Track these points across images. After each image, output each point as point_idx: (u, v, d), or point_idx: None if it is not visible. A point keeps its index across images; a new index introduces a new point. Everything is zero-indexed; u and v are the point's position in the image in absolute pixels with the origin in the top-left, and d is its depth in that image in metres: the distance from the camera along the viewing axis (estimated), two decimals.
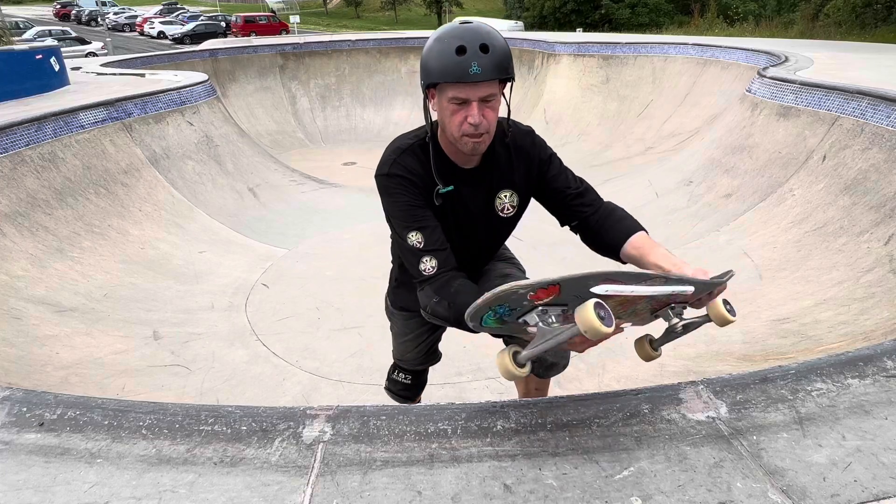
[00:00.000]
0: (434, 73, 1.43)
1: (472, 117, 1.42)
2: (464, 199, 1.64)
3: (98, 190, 5.11)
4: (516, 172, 1.64)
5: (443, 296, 1.46)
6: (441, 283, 1.48)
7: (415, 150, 1.59)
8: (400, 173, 1.54)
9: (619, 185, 7.29)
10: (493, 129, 1.49)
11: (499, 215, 1.70)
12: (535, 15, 32.95)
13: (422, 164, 1.57)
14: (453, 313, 1.43)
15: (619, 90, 10.74)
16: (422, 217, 1.53)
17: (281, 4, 52.95)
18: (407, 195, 1.54)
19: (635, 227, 1.58)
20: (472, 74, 1.37)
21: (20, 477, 1.16)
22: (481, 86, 1.40)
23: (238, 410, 1.34)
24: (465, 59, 1.37)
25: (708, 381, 1.39)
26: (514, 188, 1.66)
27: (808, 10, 19.90)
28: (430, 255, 1.49)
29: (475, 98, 1.42)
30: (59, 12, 46.30)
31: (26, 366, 3.12)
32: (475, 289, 1.45)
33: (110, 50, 22.58)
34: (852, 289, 3.48)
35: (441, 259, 1.49)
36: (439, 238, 1.52)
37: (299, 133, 12.54)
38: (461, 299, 1.39)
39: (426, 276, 1.49)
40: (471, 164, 1.61)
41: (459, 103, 1.43)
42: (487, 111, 1.45)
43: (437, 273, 1.48)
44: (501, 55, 1.41)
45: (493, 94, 1.43)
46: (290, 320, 4.25)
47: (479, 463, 1.17)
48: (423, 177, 1.57)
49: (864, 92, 4.62)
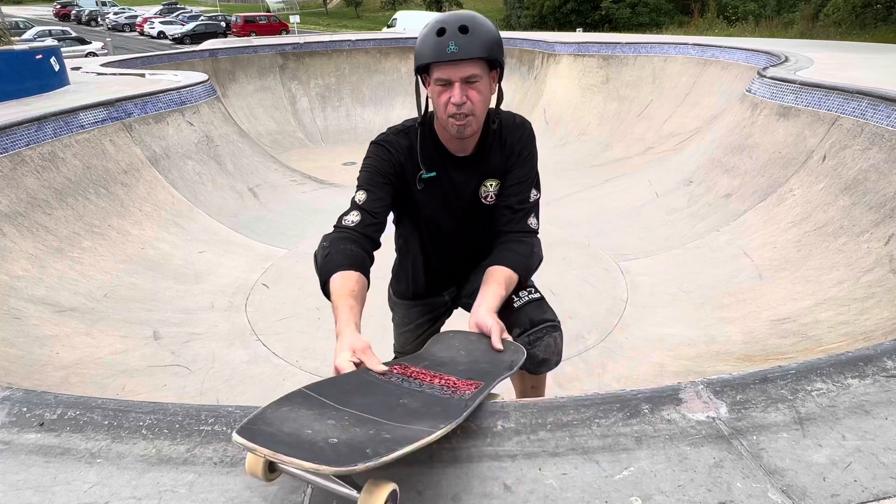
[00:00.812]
0: (419, 56, 1.50)
1: (454, 97, 1.47)
2: (454, 185, 1.69)
3: (98, 190, 5.11)
4: (504, 161, 1.69)
5: (331, 245, 1.51)
6: (342, 236, 1.53)
7: (409, 132, 1.65)
8: (384, 145, 1.63)
9: (619, 185, 7.29)
10: (478, 111, 1.52)
11: (482, 203, 1.74)
12: (535, 14, 32.91)
13: (415, 147, 1.63)
14: (321, 265, 1.49)
15: (619, 90, 10.74)
16: (377, 184, 1.60)
17: (281, 4, 52.94)
18: (378, 163, 1.62)
19: (500, 260, 1.63)
20: (450, 53, 1.43)
21: (20, 477, 1.16)
22: (461, 65, 1.45)
23: (238, 410, 1.34)
24: (443, 38, 1.43)
25: (708, 381, 1.39)
26: (498, 177, 1.71)
27: (808, 10, 19.90)
28: (359, 212, 1.56)
29: (456, 78, 1.46)
30: (59, 12, 46.29)
31: (26, 366, 3.12)
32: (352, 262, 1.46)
33: (110, 50, 22.58)
34: (852, 289, 3.48)
35: (364, 221, 1.55)
36: (378, 208, 1.58)
37: (299, 133, 12.54)
38: (335, 258, 1.46)
39: (342, 224, 1.56)
40: (464, 152, 1.65)
41: (443, 84, 1.48)
42: (471, 92, 1.49)
43: (351, 227, 1.54)
44: (483, 37, 1.46)
45: (475, 74, 1.47)
46: (290, 320, 4.25)
47: (479, 463, 1.17)
48: (409, 157, 1.63)
49: (864, 92, 4.62)
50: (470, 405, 1.16)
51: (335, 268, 1.44)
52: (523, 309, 1.64)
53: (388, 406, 1.11)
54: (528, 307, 1.65)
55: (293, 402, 1.06)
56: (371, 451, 0.90)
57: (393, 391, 1.18)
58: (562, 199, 6.81)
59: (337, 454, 0.89)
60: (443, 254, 1.89)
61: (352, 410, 1.06)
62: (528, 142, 1.70)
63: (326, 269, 1.46)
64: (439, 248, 1.87)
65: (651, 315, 4.09)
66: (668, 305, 4.18)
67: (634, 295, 4.42)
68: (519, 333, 1.59)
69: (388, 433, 0.98)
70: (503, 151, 1.67)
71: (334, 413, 1.03)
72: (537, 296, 1.69)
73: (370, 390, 1.16)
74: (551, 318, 1.64)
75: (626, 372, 3.42)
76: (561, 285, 4.45)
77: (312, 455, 0.87)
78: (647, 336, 3.84)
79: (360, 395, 1.12)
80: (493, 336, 1.42)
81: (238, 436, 0.91)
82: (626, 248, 5.17)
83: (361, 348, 1.25)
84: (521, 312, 1.63)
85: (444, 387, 1.25)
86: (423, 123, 1.64)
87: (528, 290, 1.69)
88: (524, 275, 1.65)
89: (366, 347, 1.26)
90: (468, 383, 1.27)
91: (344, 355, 1.23)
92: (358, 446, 0.92)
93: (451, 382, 1.27)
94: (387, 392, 1.17)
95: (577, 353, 3.63)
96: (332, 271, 1.44)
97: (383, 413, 1.06)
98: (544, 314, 1.64)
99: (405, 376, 1.27)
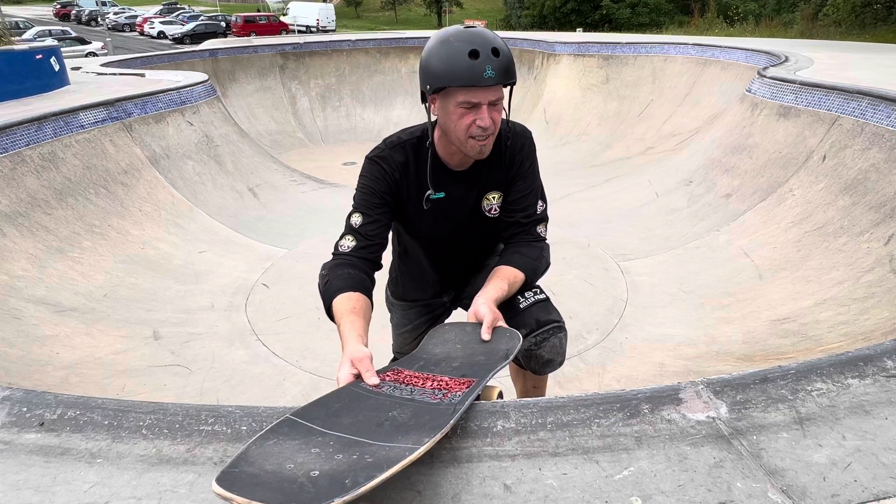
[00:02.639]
0: (444, 77, 1.42)
1: (483, 120, 1.44)
2: (453, 199, 1.67)
3: (98, 190, 5.11)
4: (504, 173, 1.67)
5: (329, 273, 1.53)
6: (340, 262, 1.54)
7: (407, 147, 1.62)
8: (381, 163, 1.60)
9: (619, 185, 7.29)
10: (497, 130, 1.52)
11: (485, 215, 1.73)
12: (535, 14, 32.93)
13: (411, 163, 1.61)
14: (323, 291, 1.51)
15: (619, 90, 10.74)
16: (372, 206, 1.59)
17: (281, 4, 52.94)
18: (373, 183, 1.60)
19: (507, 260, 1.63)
20: (487, 78, 1.38)
21: (20, 477, 1.16)
22: (492, 89, 1.42)
23: (238, 410, 1.34)
24: (478, 62, 1.38)
25: (708, 381, 1.39)
26: (501, 189, 1.69)
27: (808, 10, 19.91)
28: (353, 237, 1.56)
29: (485, 101, 1.43)
30: (59, 12, 46.27)
31: (26, 366, 3.12)
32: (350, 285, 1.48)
33: (110, 50, 22.59)
34: (852, 289, 3.48)
35: (359, 245, 1.56)
36: (373, 231, 1.58)
37: (299, 133, 12.54)
38: (335, 283, 1.47)
39: (339, 250, 1.57)
40: (462, 167, 1.63)
41: (469, 107, 1.44)
42: (495, 114, 1.47)
43: (346, 253, 1.55)
44: (509, 59, 1.44)
45: (501, 97, 1.46)
46: (290, 320, 4.25)
47: (479, 463, 1.17)
48: (404, 174, 1.61)
49: (864, 92, 4.62)
50: (459, 409, 1.18)
51: (335, 292, 1.46)
52: (529, 310, 1.64)
53: (375, 422, 1.13)
54: (533, 308, 1.65)
55: (279, 433, 1.09)
56: (350, 481, 0.93)
57: (383, 404, 1.20)
58: (562, 199, 6.81)
59: (317, 490, 0.92)
60: (442, 262, 1.89)
61: (337, 433, 1.09)
62: (529, 152, 1.68)
63: (327, 295, 1.48)
64: (438, 257, 1.87)
65: (651, 315, 4.10)
66: (669, 305, 4.18)
67: (634, 295, 4.42)
68: (525, 334, 1.59)
69: (371, 456, 1.01)
70: (504, 162, 1.65)
71: (319, 440, 1.07)
72: (543, 297, 1.69)
73: (359, 406, 1.19)
74: (557, 318, 1.64)
75: (626, 372, 3.42)
76: (561, 285, 4.45)
77: (290, 496, 0.91)
78: (647, 336, 3.84)
79: (347, 415, 1.15)
80: (484, 325, 1.42)
81: (217, 485, 0.94)
82: (626, 248, 5.18)
83: (359, 359, 1.27)
84: (527, 313, 1.63)
85: (436, 390, 1.27)
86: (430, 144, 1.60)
87: (533, 291, 1.69)
88: (530, 276, 1.65)
89: (363, 358, 1.27)
90: (461, 382, 1.29)
91: (345, 368, 1.27)
92: (338, 477, 0.95)
93: (443, 384, 1.29)
94: (376, 406, 1.19)
95: (577, 353, 3.63)
96: (332, 297, 1.46)
97: (369, 432, 1.10)
98: (550, 315, 1.64)
99: (398, 383, 1.29)
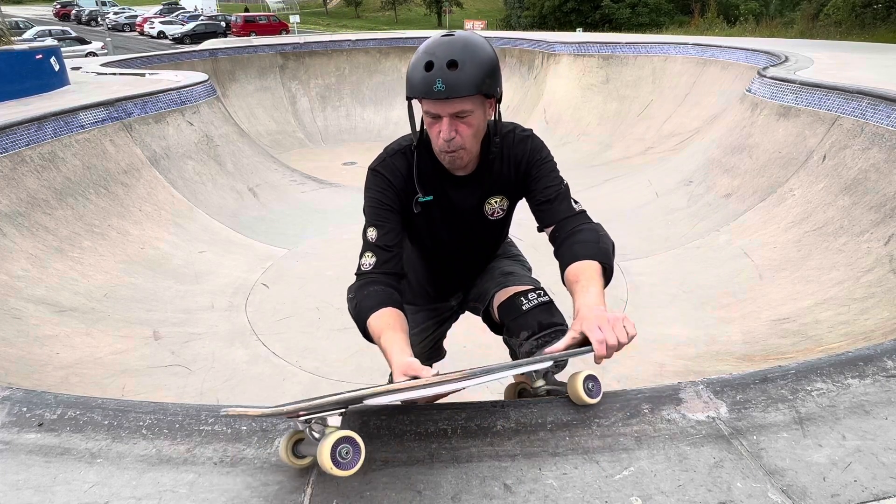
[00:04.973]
0: (408, 86, 1.42)
1: (443, 132, 1.42)
2: (453, 203, 1.65)
3: (98, 190, 5.11)
4: (508, 177, 1.64)
5: (356, 294, 1.51)
6: (364, 282, 1.53)
7: (406, 153, 1.60)
8: (383, 173, 1.58)
9: (619, 185, 7.29)
10: (469, 144, 1.47)
11: (488, 219, 1.71)
12: (535, 14, 32.92)
13: (409, 167, 1.59)
14: (355, 314, 1.50)
15: (619, 90, 10.74)
16: (384, 217, 1.58)
17: (281, 4, 52.95)
18: (380, 194, 1.58)
19: (582, 255, 1.49)
20: (436, 92, 1.34)
21: (20, 477, 1.16)
22: (451, 102, 1.37)
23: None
24: (430, 75, 1.34)
25: (708, 381, 1.39)
26: (504, 193, 1.67)
27: (809, 10, 19.91)
28: (372, 253, 1.55)
29: (445, 114, 1.40)
30: (59, 12, 46.23)
31: (26, 366, 3.12)
32: (380, 302, 1.45)
33: (110, 50, 22.57)
34: (852, 289, 3.48)
35: (380, 259, 1.54)
36: (391, 241, 1.56)
37: (299, 133, 12.54)
38: (365, 304, 1.46)
39: (361, 270, 1.56)
40: (465, 171, 1.61)
41: (433, 117, 1.43)
42: (461, 126, 1.42)
43: (369, 271, 1.54)
44: (473, 71, 1.35)
45: (465, 110, 1.39)
46: (290, 320, 4.25)
47: (479, 463, 1.17)
48: (406, 181, 1.59)
49: (864, 92, 4.62)
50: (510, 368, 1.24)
51: (367, 312, 1.44)
52: (532, 312, 1.63)
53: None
54: (536, 310, 1.63)
55: None
56: None
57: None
58: None
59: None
60: (447, 265, 1.88)
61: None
62: (538, 148, 1.62)
63: (360, 317, 1.46)
64: (443, 260, 1.86)
65: (651, 315, 4.09)
66: (669, 305, 4.18)
67: (634, 295, 4.42)
68: (527, 336, 1.58)
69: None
70: (509, 166, 1.62)
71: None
72: (546, 299, 1.67)
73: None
74: (560, 321, 1.63)
75: (626, 372, 3.42)
76: (561, 285, 4.44)
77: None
78: (647, 336, 3.84)
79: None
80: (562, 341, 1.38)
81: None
82: (626, 248, 5.17)
83: (409, 365, 1.24)
84: (530, 315, 1.62)
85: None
86: (419, 145, 1.57)
87: (537, 293, 1.68)
88: (604, 259, 1.49)
89: (412, 363, 1.24)
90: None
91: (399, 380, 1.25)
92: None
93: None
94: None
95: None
96: (365, 317, 1.44)
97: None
98: (552, 318, 1.62)
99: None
